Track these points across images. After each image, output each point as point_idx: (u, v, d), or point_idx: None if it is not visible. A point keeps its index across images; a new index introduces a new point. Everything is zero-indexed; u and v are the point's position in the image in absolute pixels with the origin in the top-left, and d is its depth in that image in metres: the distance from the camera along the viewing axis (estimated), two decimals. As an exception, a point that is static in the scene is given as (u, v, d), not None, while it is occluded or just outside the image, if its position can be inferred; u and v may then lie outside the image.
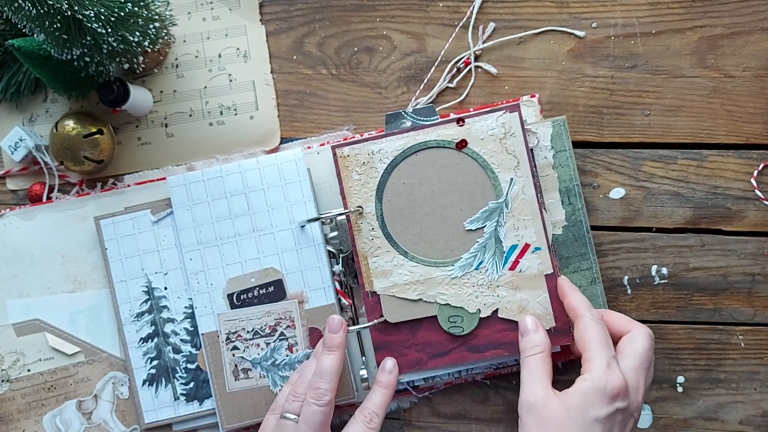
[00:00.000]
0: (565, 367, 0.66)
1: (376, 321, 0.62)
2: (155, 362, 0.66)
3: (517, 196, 0.61)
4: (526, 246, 0.61)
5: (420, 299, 0.62)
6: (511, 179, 0.62)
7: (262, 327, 0.65)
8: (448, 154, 0.63)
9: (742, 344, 0.66)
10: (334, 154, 0.63)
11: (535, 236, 0.61)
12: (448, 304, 0.62)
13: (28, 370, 0.67)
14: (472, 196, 0.62)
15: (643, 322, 0.66)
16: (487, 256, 0.62)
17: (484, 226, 0.62)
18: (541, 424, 0.53)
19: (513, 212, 0.62)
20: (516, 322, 0.61)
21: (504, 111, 0.62)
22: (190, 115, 0.70)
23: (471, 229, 0.62)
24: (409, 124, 0.64)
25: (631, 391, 0.54)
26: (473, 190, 0.62)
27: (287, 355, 0.64)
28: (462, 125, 0.62)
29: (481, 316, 0.61)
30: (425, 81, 0.69)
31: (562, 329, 0.61)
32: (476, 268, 0.62)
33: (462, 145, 0.62)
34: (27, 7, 0.54)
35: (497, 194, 0.62)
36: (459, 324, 0.62)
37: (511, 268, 0.61)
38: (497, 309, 0.61)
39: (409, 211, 0.63)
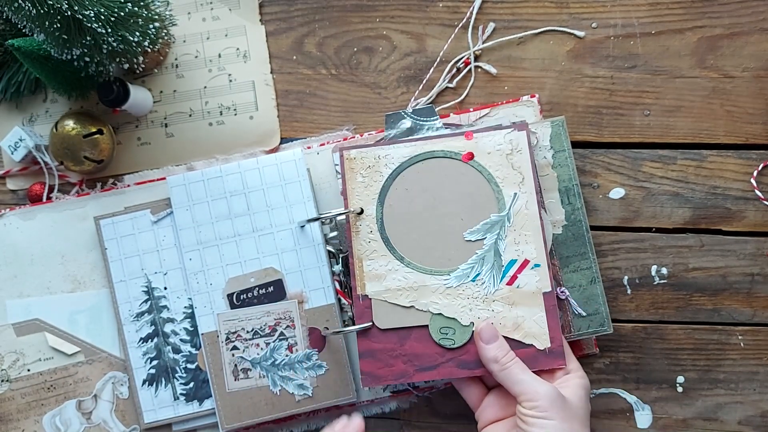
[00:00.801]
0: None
1: (362, 326, 0.61)
2: (155, 362, 0.66)
3: (519, 211, 0.61)
4: (526, 262, 0.61)
5: (412, 306, 0.61)
6: (515, 194, 0.62)
7: (261, 327, 0.65)
8: (453, 165, 0.63)
9: (742, 344, 0.66)
10: (341, 156, 0.63)
11: (536, 252, 0.61)
12: (440, 314, 0.61)
13: (28, 370, 0.67)
14: (474, 207, 0.62)
15: (642, 322, 0.67)
16: (485, 269, 0.61)
17: (485, 238, 0.61)
18: (567, 415, 0.54)
19: (515, 227, 0.61)
20: (512, 339, 0.59)
21: (512, 129, 0.63)
22: (190, 115, 0.70)
23: (471, 240, 0.61)
24: (408, 124, 0.64)
25: None
26: (476, 202, 0.62)
27: (287, 355, 0.64)
28: (470, 139, 0.63)
29: (474, 329, 0.60)
30: (425, 81, 0.69)
31: (557, 351, 0.59)
32: (473, 280, 0.61)
33: (468, 157, 0.62)
34: (27, 7, 0.54)
35: (500, 207, 0.62)
36: (450, 336, 0.60)
37: (509, 283, 0.61)
38: (492, 323, 0.60)
39: (410, 217, 0.62)
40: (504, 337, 0.60)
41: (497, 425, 0.59)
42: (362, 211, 0.63)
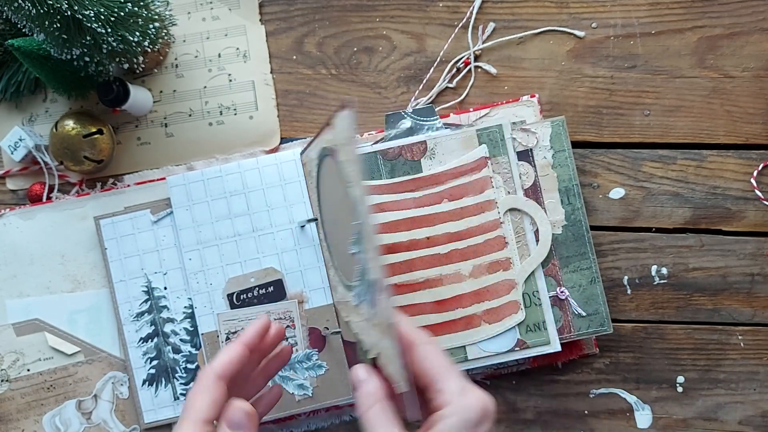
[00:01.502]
0: (565, 367, 0.66)
1: (334, 332, 0.61)
2: (155, 362, 0.66)
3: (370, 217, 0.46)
4: (379, 282, 0.45)
5: (348, 322, 0.55)
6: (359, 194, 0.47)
7: (261, 327, 0.65)
8: (333, 164, 0.52)
9: (742, 344, 0.66)
10: (302, 160, 0.62)
11: (380, 271, 0.44)
12: (357, 333, 0.53)
13: (28, 370, 0.67)
14: (349, 213, 0.49)
15: (643, 322, 0.67)
16: (362, 288, 0.49)
17: (359, 251, 0.48)
18: None
19: (370, 236, 0.45)
20: (386, 379, 0.45)
21: (338, 109, 0.48)
22: (190, 115, 0.70)
23: (354, 253, 0.50)
24: (409, 124, 0.64)
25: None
26: (348, 207, 0.49)
27: (287, 355, 0.64)
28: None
29: (370, 356, 0.47)
30: (425, 81, 0.69)
31: (412, 397, 0.43)
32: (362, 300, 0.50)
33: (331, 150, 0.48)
34: (27, 7, 0.54)
35: (357, 213, 0.47)
36: (366, 359, 0.48)
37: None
38: (378, 353, 0.46)
39: (335, 225, 0.55)
40: (383, 376, 0.45)
41: None
42: (316, 219, 0.61)
